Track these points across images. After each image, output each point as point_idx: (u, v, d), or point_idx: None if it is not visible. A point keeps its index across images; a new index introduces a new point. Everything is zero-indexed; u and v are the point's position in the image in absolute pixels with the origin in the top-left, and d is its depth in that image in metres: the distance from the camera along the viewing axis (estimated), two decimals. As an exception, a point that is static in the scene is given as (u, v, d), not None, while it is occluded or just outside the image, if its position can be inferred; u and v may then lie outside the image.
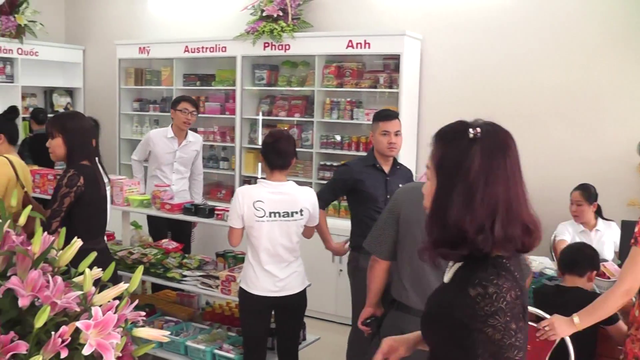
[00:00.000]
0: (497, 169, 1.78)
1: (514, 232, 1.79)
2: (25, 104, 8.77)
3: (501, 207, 1.77)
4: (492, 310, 1.73)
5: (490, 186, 1.77)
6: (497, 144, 1.81)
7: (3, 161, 4.52)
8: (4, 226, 2.04)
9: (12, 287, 1.82)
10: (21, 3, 8.45)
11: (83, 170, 3.95)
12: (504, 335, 1.74)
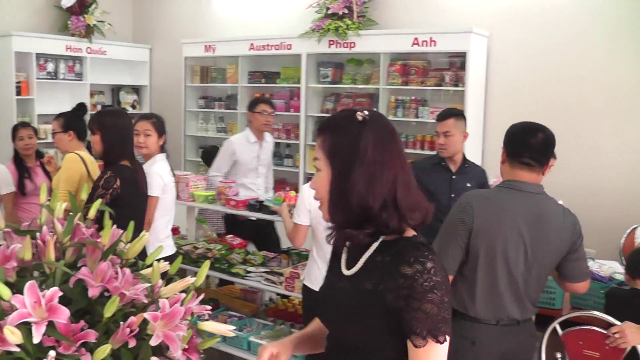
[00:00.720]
0: (390, 148, 1.83)
1: (414, 202, 1.84)
2: (93, 101, 8.98)
3: (400, 181, 1.81)
4: (431, 285, 1.73)
5: (387, 163, 1.80)
6: (385, 126, 1.86)
7: (75, 158, 4.64)
8: (74, 219, 2.09)
9: (82, 277, 1.86)
10: (90, 4, 8.65)
11: (121, 173, 4.00)
12: (440, 309, 1.74)
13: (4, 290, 1.72)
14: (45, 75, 8.42)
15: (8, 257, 1.91)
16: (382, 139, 1.82)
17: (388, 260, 1.81)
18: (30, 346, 1.69)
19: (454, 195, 4.40)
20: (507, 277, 2.95)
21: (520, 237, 2.92)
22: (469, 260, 3.01)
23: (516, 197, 2.97)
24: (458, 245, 2.98)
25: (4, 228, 2.09)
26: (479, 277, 2.98)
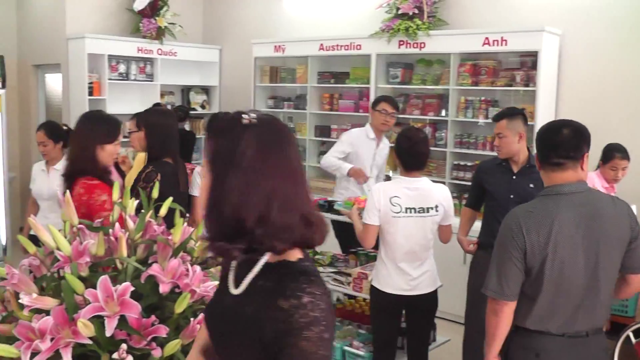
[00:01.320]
0: (274, 157, 1.62)
1: (291, 221, 1.60)
2: (163, 101, 9.10)
3: (278, 195, 1.59)
4: (307, 321, 1.54)
5: (266, 173, 1.59)
6: (273, 132, 1.65)
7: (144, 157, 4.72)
8: (145, 216, 2.11)
9: (153, 273, 1.88)
10: (162, 6, 8.79)
11: (162, 168, 4.06)
12: (318, 347, 1.55)
13: (78, 284, 1.75)
14: (117, 76, 8.59)
15: (81, 253, 1.95)
16: (266, 145, 1.62)
17: (269, 286, 1.61)
18: (102, 339, 1.71)
19: (513, 197, 4.31)
20: (570, 287, 2.81)
21: (576, 242, 2.78)
22: (530, 279, 2.86)
23: (560, 203, 2.82)
24: (517, 269, 2.83)
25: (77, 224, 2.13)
26: (541, 292, 2.83)
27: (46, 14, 8.77)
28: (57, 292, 1.89)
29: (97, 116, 3.93)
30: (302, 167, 1.70)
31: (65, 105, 8.60)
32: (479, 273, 4.49)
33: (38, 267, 2.10)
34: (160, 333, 1.76)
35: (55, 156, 5.08)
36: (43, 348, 1.68)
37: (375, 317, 4.32)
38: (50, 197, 4.93)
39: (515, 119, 4.40)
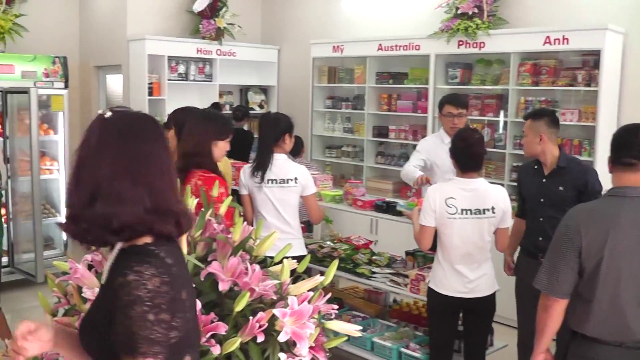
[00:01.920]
0: (114, 148, 1.67)
1: (120, 210, 1.63)
2: (222, 101, 9.20)
3: (104, 184, 1.64)
4: (130, 300, 1.55)
5: (98, 163, 1.65)
6: (123, 126, 1.71)
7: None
8: (206, 215, 2.12)
9: (213, 271, 1.89)
10: (221, 7, 8.88)
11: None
12: (140, 327, 1.54)
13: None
14: (176, 77, 8.70)
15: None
16: (109, 139, 1.68)
17: (113, 269, 1.69)
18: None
19: (543, 200, 4.23)
20: (628, 293, 2.73)
21: (635, 246, 2.70)
22: (584, 280, 2.80)
23: (624, 204, 2.76)
24: (569, 268, 2.79)
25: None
26: (596, 296, 2.77)
27: (107, 17, 8.94)
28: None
29: (211, 114, 4.25)
30: (162, 159, 1.74)
31: (125, 105, 8.75)
32: (521, 278, 4.44)
33: (99, 263, 2.13)
34: (220, 330, 1.76)
35: None
36: (104, 342, 1.70)
37: (431, 319, 4.27)
38: None
39: (539, 120, 4.33)
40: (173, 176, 1.80)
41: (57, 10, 9.25)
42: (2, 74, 6.97)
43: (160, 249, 1.68)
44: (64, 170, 7.36)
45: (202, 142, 3.91)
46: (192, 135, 3.93)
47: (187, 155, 3.89)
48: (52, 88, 7.27)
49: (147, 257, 1.63)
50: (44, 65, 7.22)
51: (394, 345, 4.67)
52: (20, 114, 7.10)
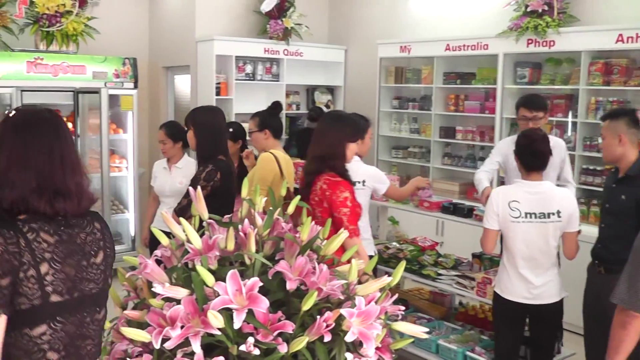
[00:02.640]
0: (10, 140, 2.04)
1: (10, 193, 1.97)
2: (289, 101, 9.26)
3: (5, 173, 1.99)
4: None
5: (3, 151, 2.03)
6: (18, 122, 2.09)
7: (269, 158, 4.79)
8: (274, 213, 2.13)
9: (280, 270, 1.89)
10: (288, 7, 8.92)
11: (220, 166, 4.19)
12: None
13: (208, 276, 1.79)
14: (244, 77, 8.79)
15: (211, 247, 1.99)
16: (6, 131, 2.07)
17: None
18: (231, 331, 1.74)
19: (608, 206, 4.07)
20: None
21: None
22: None
23: None
24: None
25: (207, 219, 2.17)
26: None
27: (176, 18, 9.08)
28: (187, 283, 1.93)
29: (343, 116, 4.13)
30: (52, 147, 2.07)
31: (193, 105, 8.86)
32: (589, 288, 4.22)
33: (169, 258, 2.15)
34: (286, 329, 1.77)
35: (175, 154, 5.26)
36: (173, 335, 1.73)
37: (497, 324, 4.19)
38: (172, 193, 5.11)
39: (618, 120, 4.03)
40: (67, 160, 2.08)
41: (128, 13, 9.44)
42: (74, 75, 7.15)
43: (26, 224, 1.96)
44: (132, 167, 7.51)
45: (337, 144, 3.83)
46: (324, 138, 3.85)
47: (321, 158, 3.82)
48: (122, 88, 7.42)
49: (3, 228, 1.92)
50: (115, 66, 7.38)
51: (459, 349, 4.61)
52: (90, 113, 7.28)
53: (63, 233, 2.02)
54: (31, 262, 1.93)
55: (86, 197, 2.10)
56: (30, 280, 1.92)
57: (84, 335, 2.06)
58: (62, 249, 2.00)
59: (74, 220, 2.07)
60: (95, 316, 2.09)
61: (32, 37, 7.19)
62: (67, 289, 2.00)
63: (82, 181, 2.12)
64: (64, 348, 2.00)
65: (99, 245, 2.12)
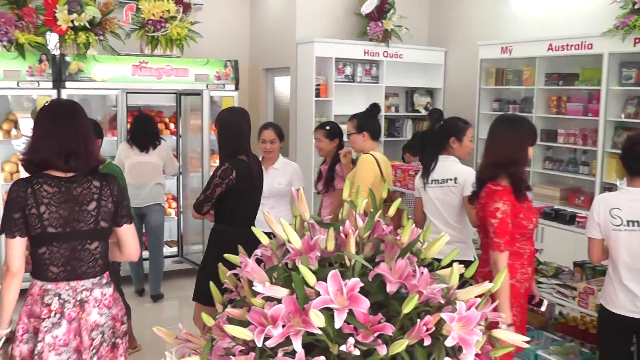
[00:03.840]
0: (43, 122, 3.16)
1: (40, 156, 3.08)
2: (387, 103, 9.27)
3: (36, 142, 3.13)
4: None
5: (35, 132, 3.17)
6: (49, 107, 3.24)
7: (369, 159, 4.80)
8: (375, 215, 2.13)
9: (381, 272, 1.89)
10: (388, 9, 8.93)
11: (238, 165, 4.31)
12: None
13: (310, 276, 1.81)
14: (343, 78, 8.85)
15: (311, 247, 2.01)
16: (40, 116, 3.17)
17: None
18: (331, 330, 1.75)
19: None
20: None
21: None
22: None
23: None
24: None
25: (309, 219, 2.20)
26: None
27: (277, 20, 9.22)
28: (287, 283, 1.96)
29: (519, 118, 3.97)
30: (70, 125, 3.12)
31: (292, 107, 8.99)
32: None
33: (269, 258, 2.19)
34: (386, 331, 1.77)
35: (274, 156, 5.36)
36: (275, 334, 1.75)
37: (600, 337, 4.01)
38: (270, 194, 5.22)
39: None
40: (80, 133, 3.12)
41: (229, 16, 9.67)
42: (177, 78, 7.38)
43: (35, 179, 3.05)
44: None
45: (517, 148, 3.69)
46: (503, 142, 3.72)
47: (499, 164, 3.68)
48: (223, 90, 7.61)
49: (21, 180, 3.06)
50: (216, 69, 7.55)
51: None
52: (192, 114, 7.49)
53: (62, 186, 3.06)
54: (33, 204, 3.00)
55: (93, 158, 3.17)
56: (32, 216, 3.00)
57: (78, 259, 3.10)
58: (59, 197, 3.04)
59: (75, 178, 3.09)
60: (86, 246, 3.11)
61: (137, 41, 7.46)
62: (61, 225, 3.05)
63: (91, 148, 3.16)
64: (61, 265, 3.07)
65: (93, 197, 3.11)
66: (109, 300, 3.19)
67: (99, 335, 3.13)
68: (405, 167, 5.85)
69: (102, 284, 3.17)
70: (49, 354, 3.02)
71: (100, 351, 3.14)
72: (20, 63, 6.66)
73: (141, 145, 6.64)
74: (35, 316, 3.07)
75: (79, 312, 3.09)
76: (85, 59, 6.90)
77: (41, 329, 3.02)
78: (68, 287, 3.07)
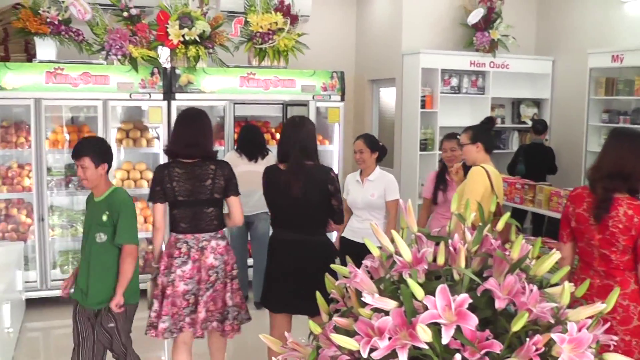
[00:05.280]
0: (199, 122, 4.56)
1: (174, 148, 4.47)
2: (493, 114, 9.09)
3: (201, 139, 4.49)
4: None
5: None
6: (182, 113, 4.68)
7: (481, 171, 4.76)
8: (483, 230, 2.12)
9: (490, 288, 1.88)
10: (495, 19, 8.80)
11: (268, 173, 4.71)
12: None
13: (419, 290, 1.82)
14: (449, 90, 8.77)
15: (419, 260, 2.02)
16: (178, 118, 4.62)
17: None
18: (438, 346, 1.76)
19: None
20: None
21: None
22: None
23: None
24: None
25: (416, 232, 2.21)
26: None
27: (383, 32, 9.25)
28: (394, 295, 1.97)
29: (629, 130, 3.98)
30: (199, 126, 4.51)
31: (397, 118, 8.98)
32: None
33: (376, 270, 2.21)
34: (494, 348, 1.75)
35: (370, 165, 5.39)
36: (381, 345, 1.77)
37: None
38: (364, 205, 5.27)
39: None
40: (201, 132, 4.45)
41: (336, 28, 9.77)
42: (283, 89, 7.51)
43: (170, 164, 4.41)
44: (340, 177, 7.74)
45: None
46: (630, 155, 3.63)
47: (622, 176, 3.60)
48: (329, 101, 7.69)
49: (160, 165, 4.57)
50: (323, 80, 7.65)
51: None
52: (298, 124, 7.57)
53: (187, 168, 4.38)
54: (168, 180, 4.36)
55: (208, 149, 4.50)
56: (168, 189, 4.37)
57: (199, 219, 4.41)
58: (185, 176, 4.37)
59: (196, 163, 4.40)
60: (204, 210, 4.42)
61: (245, 53, 7.63)
62: (187, 195, 4.38)
63: (206, 142, 4.48)
64: (188, 222, 4.40)
65: (209, 176, 4.40)
66: (222, 250, 4.45)
67: (214, 273, 4.40)
68: (512, 181, 5.75)
69: (217, 237, 4.46)
70: (179, 283, 4.31)
71: (215, 285, 4.40)
72: (133, 76, 6.96)
73: (250, 155, 6.78)
74: (170, 256, 4.38)
75: (200, 255, 4.38)
76: (194, 71, 7.12)
77: (174, 265, 4.34)
78: (192, 238, 4.39)
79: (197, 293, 4.36)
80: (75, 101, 7.02)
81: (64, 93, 6.81)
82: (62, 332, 5.99)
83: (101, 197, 4.18)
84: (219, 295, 4.45)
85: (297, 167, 4.45)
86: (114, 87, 6.93)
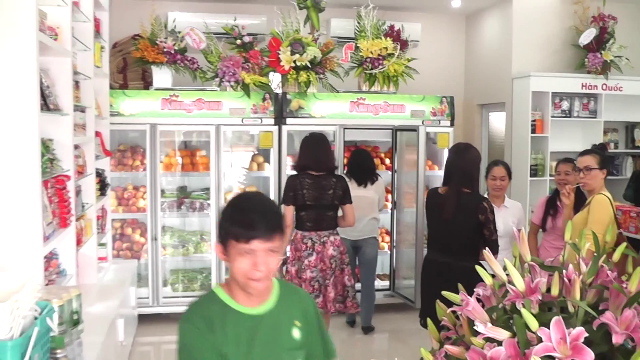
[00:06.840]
0: (306, 144, 5.92)
1: (304, 163, 5.84)
2: (606, 139, 8.81)
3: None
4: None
5: (302, 149, 5.99)
6: (308, 138, 5.91)
7: (606, 201, 4.64)
8: (599, 260, 2.08)
9: (606, 321, 1.84)
10: (608, 39, 8.56)
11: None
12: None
13: (532, 321, 1.80)
14: (560, 114, 8.57)
15: (533, 290, 1.99)
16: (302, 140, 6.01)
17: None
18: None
19: None
20: None
21: None
22: None
23: None
24: None
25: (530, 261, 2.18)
26: None
27: (493, 56, 9.16)
28: (506, 325, 1.96)
29: None
30: (314, 149, 5.89)
31: (507, 143, 8.85)
32: None
33: (488, 298, 2.19)
34: (613, 385, 1.71)
35: (502, 194, 5.38)
36: (493, 376, 1.76)
37: None
38: (505, 234, 5.25)
39: None
40: (324, 152, 5.78)
41: (445, 52, 9.74)
42: (393, 114, 7.56)
43: (300, 175, 5.71)
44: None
45: None
46: None
47: None
48: (439, 126, 7.67)
49: (292, 176, 5.84)
50: (432, 105, 7.64)
51: None
52: (407, 149, 7.60)
53: (314, 179, 5.58)
54: (299, 188, 5.56)
55: (330, 166, 5.73)
56: (299, 194, 5.56)
57: (321, 220, 5.67)
58: (313, 185, 5.55)
59: (322, 175, 5.60)
60: (326, 213, 5.67)
61: (355, 78, 7.72)
62: (313, 200, 5.57)
63: (328, 160, 5.73)
64: (312, 220, 5.65)
65: (331, 186, 5.60)
66: (338, 243, 5.76)
67: (334, 261, 5.68)
68: (626, 209, 5.57)
69: (334, 233, 5.76)
70: (306, 270, 5.61)
71: (335, 271, 5.68)
72: (245, 101, 7.17)
73: (359, 180, 6.84)
74: (298, 250, 5.70)
75: (322, 248, 5.66)
76: (305, 96, 7.27)
77: (302, 257, 5.65)
78: (316, 235, 5.68)
79: (320, 280, 5.64)
80: (188, 126, 7.30)
81: (178, 119, 7.10)
82: (171, 347, 6.19)
83: None
84: (338, 279, 5.71)
85: (452, 192, 4.64)
86: (227, 113, 7.16)
